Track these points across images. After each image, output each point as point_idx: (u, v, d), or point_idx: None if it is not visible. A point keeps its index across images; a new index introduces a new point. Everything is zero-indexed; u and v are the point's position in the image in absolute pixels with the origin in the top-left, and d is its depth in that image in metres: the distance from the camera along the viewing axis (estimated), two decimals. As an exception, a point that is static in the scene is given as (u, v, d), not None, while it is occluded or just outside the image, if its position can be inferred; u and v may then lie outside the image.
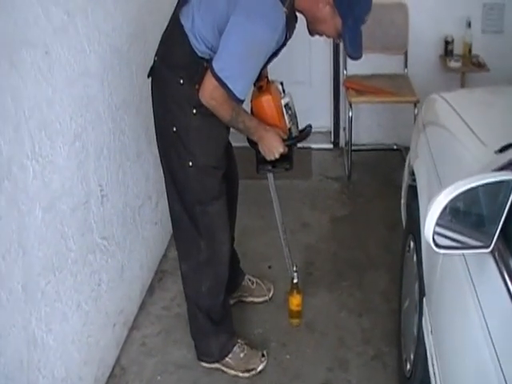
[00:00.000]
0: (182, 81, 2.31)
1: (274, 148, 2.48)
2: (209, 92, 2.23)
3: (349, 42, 2.33)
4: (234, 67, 2.22)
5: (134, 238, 3.00)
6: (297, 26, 2.41)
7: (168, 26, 2.44)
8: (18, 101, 1.95)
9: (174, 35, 2.37)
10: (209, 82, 2.22)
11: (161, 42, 2.46)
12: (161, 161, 2.54)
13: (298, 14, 2.36)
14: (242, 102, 2.28)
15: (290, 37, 2.38)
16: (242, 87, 2.25)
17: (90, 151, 2.46)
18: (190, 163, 2.39)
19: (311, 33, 2.42)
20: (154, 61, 2.45)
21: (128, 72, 2.86)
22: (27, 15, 2.01)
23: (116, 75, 2.72)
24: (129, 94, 2.88)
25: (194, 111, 2.33)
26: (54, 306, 2.21)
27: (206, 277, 2.62)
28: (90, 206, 2.48)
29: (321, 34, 2.41)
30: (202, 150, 2.41)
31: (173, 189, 2.52)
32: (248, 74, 2.28)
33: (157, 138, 2.51)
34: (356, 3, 2.30)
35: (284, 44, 2.37)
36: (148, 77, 2.47)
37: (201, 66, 2.27)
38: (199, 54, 2.28)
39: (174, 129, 2.37)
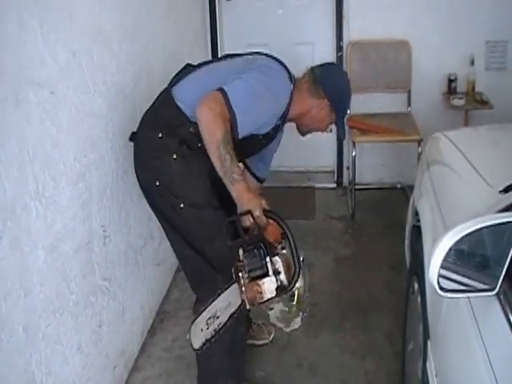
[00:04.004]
0: (160, 134, 2.33)
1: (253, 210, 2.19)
2: (210, 101, 2.19)
3: (341, 129, 2.63)
4: (242, 95, 2.24)
5: (136, 279, 2.98)
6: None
7: (155, 101, 2.51)
8: (22, 140, 1.96)
9: (162, 103, 2.45)
10: (214, 94, 2.21)
11: (146, 111, 2.50)
12: (156, 216, 2.50)
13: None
14: (235, 137, 2.24)
15: (279, 130, 2.54)
16: (244, 120, 2.23)
17: (93, 192, 2.46)
18: (182, 205, 2.35)
19: (304, 134, 2.65)
20: (138, 126, 2.49)
21: (132, 112, 2.87)
22: (33, 55, 2.03)
23: (120, 115, 2.74)
24: (132, 134, 2.88)
25: (174, 156, 2.32)
26: (54, 347, 2.18)
27: None
28: (92, 247, 2.47)
29: (311, 132, 2.64)
30: (188, 189, 2.37)
31: (176, 236, 2.47)
32: (252, 112, 2.28)
33: (145, 197, 2.49)
34: (345, 96, 2.64)
35: (273, 136, 2.51)
36: (130, 140, 2.48)
37: (186, 125, 2.29)
38: (188, 114, 2.31)
39: (157, 183, 2.36)
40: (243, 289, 2.08)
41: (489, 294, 1.51)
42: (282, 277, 2.09)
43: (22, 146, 1.96)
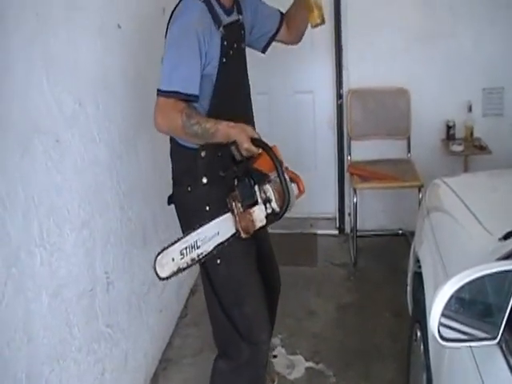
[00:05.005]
0: (189, 188, 2.35)
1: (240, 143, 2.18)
2: (155, 108, 2.20)
3: None
4: (166, 70, 2.22)
5: (139, 326, 2.97)
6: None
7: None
8: (28, 187, 1.98)
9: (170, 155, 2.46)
10: (156, 101, 2.20)
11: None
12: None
13: None
14: (191, 98, 2.21)
15: (238, 12, 2.43)
16: (178, 78, 2.20)
17: (96, 239, 2.48)
18: (218, 261, 2.33)
19: None
20: None
21: (135, 160, 2.90)
22: (39, 104, 2.07)
23: (124, 163, 2.77)
24: (136, 181, 2.92)
25: (207, 208, 2.32)
26: (56, 395, 2.18)
27: (243, 378, 2.52)
28: (95, 293, 2.47)
29: None
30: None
31: (209, 291, 2.46)
32: (180, 64, 2.23)
33: None
34: None
35: (241, 22, 2.42)
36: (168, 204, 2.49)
37: (197, 159, 2.29)
38: (188, 146, 2.31)
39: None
40: (237, 218, 2.13)
41: (490, 343, 1.51)
42: (274, 204, 2.15)
43: (28, 193, 1.98)
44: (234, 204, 2.14)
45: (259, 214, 2.14)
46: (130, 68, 2.86)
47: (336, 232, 4.77)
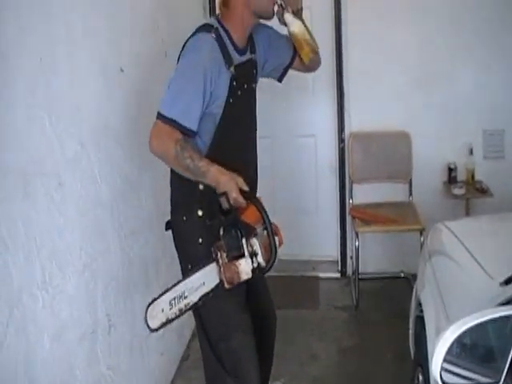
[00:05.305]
0: (184, 218, 2.37)
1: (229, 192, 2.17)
2: (152, 132, 2.22)
3: None
4: (168, 97, 2.25)
5: (140, 369, 2.95)
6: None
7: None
8: (30, 230, 1.98)
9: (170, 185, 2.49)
10: (153, 124, 2.22)
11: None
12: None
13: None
14: (187, 132, 2.23)
15: (252, 52, 2.46)
16: (178, 108, 2.22)
17: (98, 281, 2.48)
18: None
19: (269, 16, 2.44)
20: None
21: (137, 202, 2.91)
22: (42, 146, 2.08)
23: (126, 205, 2.78)
24: (137, 223, 2.92)
25: (200, 240, 2.34)
26: None
27: None
28: (97, 336, 2.46)
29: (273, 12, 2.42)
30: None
31: (199, 324, 2.47)
32: (182, 96, 2.25)
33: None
34: None
35: (254, 62, 2.46)
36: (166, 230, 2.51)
37: (195, 191, 2.29)
38: (187, 176, 2.28)
39: (190, 266, 2.35)
40: (222, 269, 2.11)
41: (493, 387, 1.51)
42: (260, 258, 2.13)
43: (30, 235, 1.98)
44: (219, 254, 2.12)
45: (245, 266, 2.12)
46: (132, 110, 2.88)
47: (338, 275, 4.75)
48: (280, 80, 2.72)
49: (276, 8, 2.41)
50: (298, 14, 2.46)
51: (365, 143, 4.48)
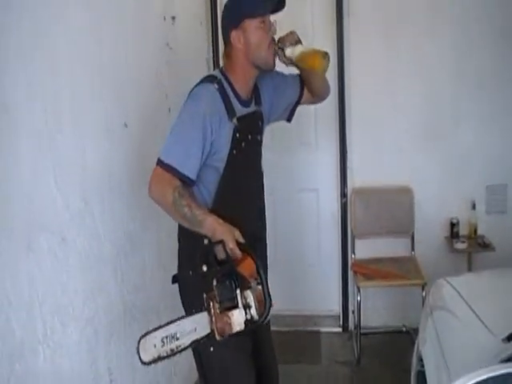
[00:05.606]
0: (190, 272, 2.36)
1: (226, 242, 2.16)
2: (151, 178, 2.24)
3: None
4: (168, 143, 2.27)
5: (141, 425, 2.92)
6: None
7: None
8: (32, 285, 1.99)
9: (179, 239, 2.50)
10: (153, 170, 2.25)
11: None
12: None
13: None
14: (186, 180, 2.25)
15: (257, 104, 2.47)
16: (176, 155, 2.24)
17: (100, 336, 2.47)
18: (212, 348, 2.33)
19: (273, 64, 2.43)
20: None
21: (139, 257, 2.92)
22: (46, 202, 2.10)
23: (128, 260, 2.78)
24: (140, 279, 2.92)
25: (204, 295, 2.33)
26: None
27: None
28: (97, 391, 2.45)
29: (274, 56, 2.41)
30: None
31: (201, 373, 2.47)
32: (181, 143, 2.27)
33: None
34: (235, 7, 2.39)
35: (259, 114, 2.47)
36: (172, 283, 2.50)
37: (200, 246, 2.24)
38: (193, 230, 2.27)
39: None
40: (213, 319, 2.08)
41: None
42: (253, 311, 2.09)
43: (32, 291, 1.99)
44: (211, 304, 2.10)
45: (238, 317, 2.09)
46: (136, 165, 2.89)
47: (340, 330, 4.71)
48: (289, 120, 2.72)
49: (277, 58, 2.42)
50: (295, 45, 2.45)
51: (367, 198, 4.49)
